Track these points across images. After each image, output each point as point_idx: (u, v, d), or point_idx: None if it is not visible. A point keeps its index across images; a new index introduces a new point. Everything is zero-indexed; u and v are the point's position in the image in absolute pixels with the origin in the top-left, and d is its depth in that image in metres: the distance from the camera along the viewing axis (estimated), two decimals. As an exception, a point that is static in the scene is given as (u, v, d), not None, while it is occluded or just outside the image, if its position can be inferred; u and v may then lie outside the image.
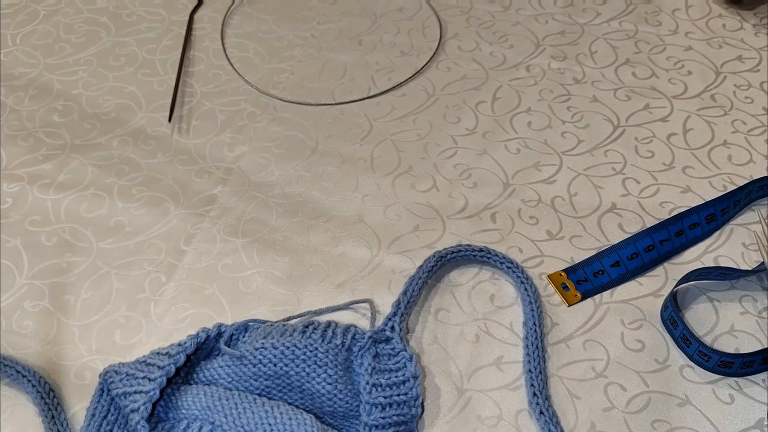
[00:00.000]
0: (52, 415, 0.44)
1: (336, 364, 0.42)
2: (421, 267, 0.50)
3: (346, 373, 0.42)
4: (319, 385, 0.41)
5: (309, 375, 0.41)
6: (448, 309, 0.50)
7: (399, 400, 0.42)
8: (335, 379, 0.41)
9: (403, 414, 0.42)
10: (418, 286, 0.49)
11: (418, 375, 0.43)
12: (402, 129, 0.62)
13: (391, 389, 0.42)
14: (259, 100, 0.65)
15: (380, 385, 0.42)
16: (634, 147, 0.60)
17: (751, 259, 0.52)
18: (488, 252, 0.51)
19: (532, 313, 0.48)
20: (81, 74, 0.67)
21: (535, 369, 0.45)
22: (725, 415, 0.44)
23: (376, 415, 0.41)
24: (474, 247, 0.51)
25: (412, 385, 0.43)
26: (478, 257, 0.51)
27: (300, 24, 0.73)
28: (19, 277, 0.52)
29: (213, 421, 0.39)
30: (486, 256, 0.51)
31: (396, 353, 0.44)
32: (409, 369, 0.43)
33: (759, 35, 0.70)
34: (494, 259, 0.51)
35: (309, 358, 0.41)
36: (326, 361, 0.41)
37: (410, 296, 0.48)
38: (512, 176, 0.58)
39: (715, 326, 0.48)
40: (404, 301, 0.47)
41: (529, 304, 0.48)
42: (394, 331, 0.45)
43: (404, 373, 0.43)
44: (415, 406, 0.43)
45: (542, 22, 0.72)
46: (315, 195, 0.57)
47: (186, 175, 0.59)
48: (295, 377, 0.41)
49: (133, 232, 0.55)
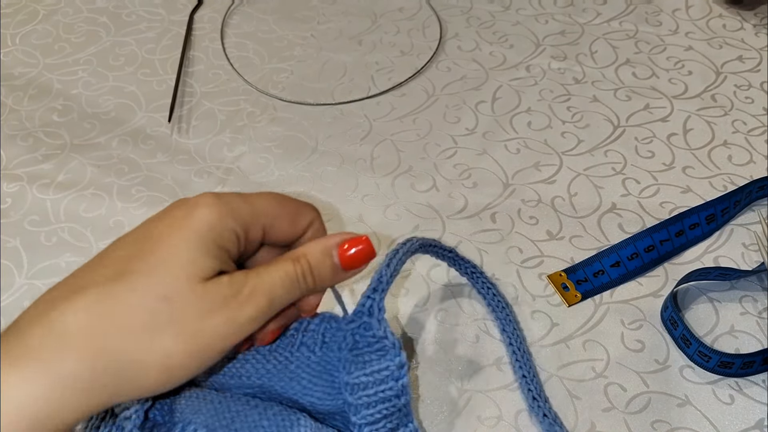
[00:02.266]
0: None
1: (312, 375, 0.38)
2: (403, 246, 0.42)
3: (328, 375, 0.39)
4: (301, 398, 0.38)
5: (285, 388, 0.38)
6: (447, 309, 0.50)
7: (385, 396, 0.38)
8: (314, 389, 0.38)
9: (393, 405, 0.38)
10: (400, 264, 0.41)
11: (404, 364, 0.37)
12: (402, 129, 0.62)
13: (375, 386, 0.37)
14: (259, 100, 0.65)
15: (362, 385, 0.37)
16: (634, 147, 0.60)
17: (751, 259, 0.52)
18: (456, 254, 0.48)
19: (507, 318, 0.48)
20: (81, 74, 0.67)
21: (528, 373, 0.45)
22: (725, 415, 0.44)
23: (364, 413, 0.39)
24: (444, 246, 0.47)
25: (399, 376, 0.37)
26: (447, 257, 0.48)
27: (300, 24, 0.73)
28: (18, 277, 0.52)
29: (207, 424, 0.39)
30: (453, 259, 0.48)
31: (377, 340, 0.37)
32: (394, 361, 0.37)
33: (759, 35, 0.70)
34: (459, 263, 0.49)
35: (280, 371, 0.39)
36: (299, 373, 0.38)
37: (393, 271, 0.39)
38: (512, 176, 0.58)
39: (715, 326, 0.48)
40: (387, 275, 0.38)
41: (502, 310, 0.48)
42: (372, 315, 0.36)
43: (388, 366, 0.37)
44: (405, 395, 0.38)
45: (542, 22, 0.72)
46: (315, 195, 0.57)
47: (186, 175, 0.59)
48: (277, 389, 0.39)
49: (133, 232, 0.55)
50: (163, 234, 0.31)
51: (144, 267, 0.30)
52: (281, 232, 0.35)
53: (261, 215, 0.34)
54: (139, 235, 0.32)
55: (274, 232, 0.35)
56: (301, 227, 0.35)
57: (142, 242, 0.31)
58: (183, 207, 0.32)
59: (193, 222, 0.31)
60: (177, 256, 0.31)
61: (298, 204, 0.35)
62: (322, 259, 0.34)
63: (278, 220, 0.34)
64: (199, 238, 0.31)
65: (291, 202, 0.35)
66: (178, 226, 0.31)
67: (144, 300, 0.30)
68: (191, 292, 0.30)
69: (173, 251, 0.31)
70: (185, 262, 0.30)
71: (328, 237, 0.35)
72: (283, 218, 0.34)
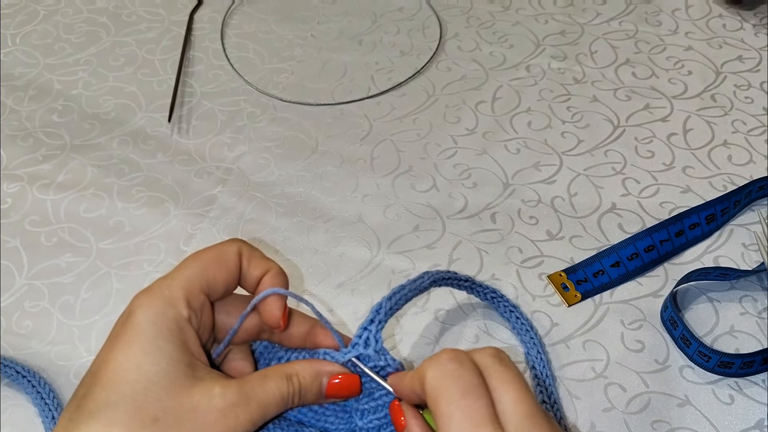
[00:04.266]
0: (53, 415, 0.44)
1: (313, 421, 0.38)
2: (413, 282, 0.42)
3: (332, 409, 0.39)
4: (316, 423, 0.38)
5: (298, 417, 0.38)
6: (447, 309, 0.50)
7: None
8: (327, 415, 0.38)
9: None
10: (404, 299, 0.41)
11: None
12: (402, 129, 0.62)
13: (384, 409, 0.37)
14: (259, 100, 0.65)
15: (371, 410, 0.37)
16: (634, 147, 0.60)
17: (751, 259, 0.52)
18: (473, 282, 0.48)
19: (532, 342, 0.46)
20: (81, 74, 0.67)
21: (549, 399, 0.44)
22: (725, 415, 0.44)
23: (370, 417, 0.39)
24: (460, 276, 0.47)
25: None
26: (463, 286, 0.48)
27: (300, 24, 0.73)
28: (18, 277, 0.52)
29: None
30: (471, 287, 0.48)
31: (379, 369, 0.37)
32: None
33: (759, 35, 0.70)
34: (478, 290, 0.48)
35: (283, 419, 0.38)
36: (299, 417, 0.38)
37: (395, 304, 0.40)
38: (512, 176, 0.58)
39: (715, 326, 0.48)
40: (386, 307, 0.38)
41: (527, 333, 0.47)
42: (369, 346, 0.36)
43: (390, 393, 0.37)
44: None
45: (542, 22, 0.72)
46: (315, 195, 0.57)
47: (186, 175, 0.59)
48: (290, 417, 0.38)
49: (133, 232, 0.55)
50: (113, 352, 0.31)
51: (109, 399, 0.30)
52: (222, 282, 0.35)
53: (189, 282, 0.34)
54: (94, 366, 0.32)
55: (216, 286, 0.35)
56: (233, 264, 0.35)
57: (96, 373, 0.31)
58: (121, 317, 0.33)
59: (136, 329, 0.31)
60: (137, 370, 0.30)
61: (215, 247, 0.36)
62: (311, 382, 0.35)
63: (209, 273, 0.34)
64: (148, 340, 0.31)
65: (208, 251, 0.35)
66: (123, 338, 0.31)
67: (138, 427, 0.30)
68: (179, 408, 0.30)
69: (130, 367, 0.30)
70: (151, 372, 0.30)
71: (322, 363, 0.36)
72: (210, 269, 0.35)
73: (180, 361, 0.31)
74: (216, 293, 0.35)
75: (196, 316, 0.33)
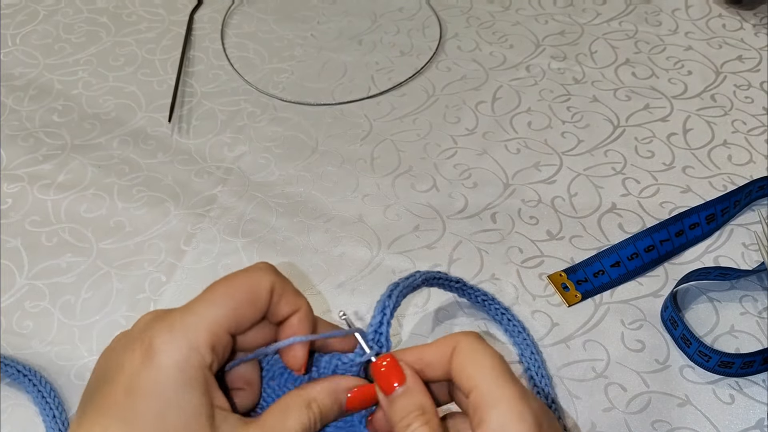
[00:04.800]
0: (53, 414, 0.44)
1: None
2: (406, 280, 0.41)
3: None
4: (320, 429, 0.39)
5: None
6: (447, 309, 0.50)
7: None
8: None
9: None
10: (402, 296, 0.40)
11: None
12: (402, 129, 0.62)
13: None
14: (259, 100, 0.65)
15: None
16: (634, 147, 0.60)
17: (751, 259, 0.52)
18: (464, 284, 0.48)
19: (525, 342, 0.47)
20: (81, 74, 0.67)
21: (546, 399, 0.44)
22: (725, 415, 0.44)
23: None
24: (450, 278, 0.47)
25: None
26: (454, 288, 0.48)
27: (300, 24, 0.73)
28: (19, 277, 0.52)
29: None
30: (461, 289, 0.48)
31: None
32: None
33: (759, 35, 0.70)
34: (469, 292, 0.48)
35: None
36: None
37: (395, 302, 0.39)
38: (512, 176, 0.58)
39: (715, 326, 0.48)
40: (390, 306, 0.38)
41: (519, 334, 0.47)
42: (382, 347, 0.36)
43: None
44: None
45: (542, 22, 0.72)
46: (315, 195, 0.57)
47: (186, 175, 0.59)
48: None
49: (133, 232, 0.55)
50: (133, 396, 0.29)
51: None
52: (250, 320, 0.33)
53: (216, 325, 0.31)
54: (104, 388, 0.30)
55: (243, 325, 0.32)
56: (264, 302, 0.33)
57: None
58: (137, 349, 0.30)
59: (160, 374, 0.29)
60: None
61: (247, 279, 0.33)
62: (331, 405, 0.34)
63: (238, 313, 0.32)
64: (173, 389, 0.29)
65: (239, 285, 0.32)
66: (146, 382, 0.29)
67: None
68: None
69: (151, 416, 0.29)
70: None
71: (337, 380, 0.34)
72: (240, 310, 0.32)
73: (202, 414, 0.30)
74: (241, 330, 0.33)
75: (218, 360, 0.31)
